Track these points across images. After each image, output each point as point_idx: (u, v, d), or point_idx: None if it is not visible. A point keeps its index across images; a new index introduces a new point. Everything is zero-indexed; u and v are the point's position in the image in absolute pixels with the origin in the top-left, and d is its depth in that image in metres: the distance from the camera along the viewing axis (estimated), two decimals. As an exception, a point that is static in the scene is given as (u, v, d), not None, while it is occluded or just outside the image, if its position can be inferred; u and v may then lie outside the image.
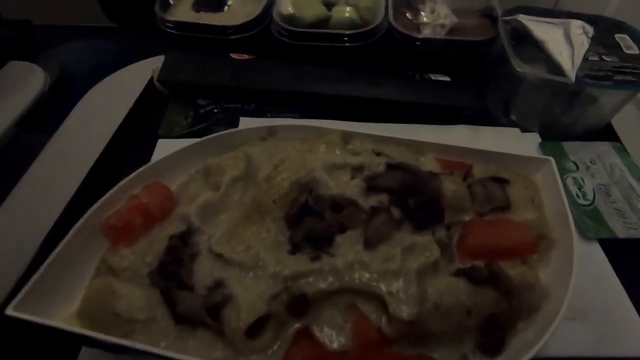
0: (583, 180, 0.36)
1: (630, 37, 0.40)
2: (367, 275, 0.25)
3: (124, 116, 0.43)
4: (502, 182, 0.32)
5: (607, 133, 0.42)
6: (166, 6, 0.49)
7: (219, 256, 0.25)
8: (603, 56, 0.37)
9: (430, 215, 0.28)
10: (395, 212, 0.28)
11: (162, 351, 0.21)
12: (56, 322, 0.22)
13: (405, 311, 0.23)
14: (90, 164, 0.38)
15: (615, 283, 0.30)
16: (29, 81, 0.55)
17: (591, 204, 0.34)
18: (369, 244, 0.26)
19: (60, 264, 0.26)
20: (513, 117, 0.42)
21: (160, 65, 0.46)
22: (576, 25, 0.37)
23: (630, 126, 0.42)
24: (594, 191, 0.35)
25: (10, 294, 0.28)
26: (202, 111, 0.44)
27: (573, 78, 0.34)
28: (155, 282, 0.25)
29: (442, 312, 0.23)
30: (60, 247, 0.26)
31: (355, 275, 0.25)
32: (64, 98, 0.55)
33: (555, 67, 0.36)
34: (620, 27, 0.41)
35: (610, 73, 0.36)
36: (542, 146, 0.39)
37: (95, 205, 0.28)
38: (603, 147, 0.39)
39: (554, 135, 0.40)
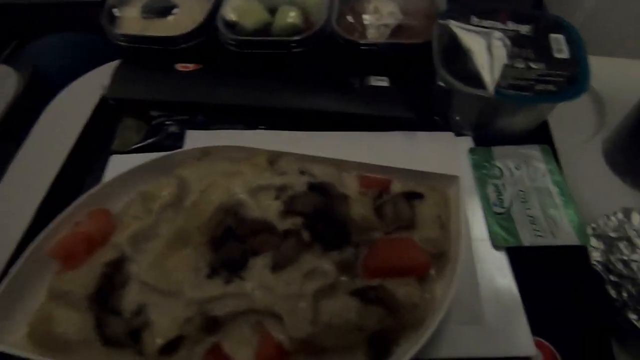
0: (504, 187, 0.38)
1: (566, 38, 0.40)
2: (270, 297, 0.28)
3: (79, 133, 0.46)
4: (415, 198, 0.34)
5: (543, 133, 0.43)
6: (112, 17, 0.49)
7: (145, 284, 0.29)
8: (530, 63, 0.37)
9: (337, 238, 0.31)
10: (306, 235, 0.31)
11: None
12: (7, 347, 0.27)
13: (299, 331, 0.27)
14: (47, 186, 0.42)
15: (513, 290, 0.33)
16: (3, 85, 0.57)
17: (506, 212, 0.36)
18: (276, 267, 0.29)
19: (12, 291, 0.30)
20: (450, 121, 0.43)
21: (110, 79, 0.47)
22: (496, 37, 0.37)
23: (563, 125, 0.43)
24: (511, 199, 0.37)
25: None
26: (154, 123, 0.46)
27: (492, 91, 0.35)
28: (90, 306, 0.29)
29: (333, 330, 0.27)
30: (9, 277, 0.30)
31: (261, 297, 0.28)
32: (38, 101, 0.57)
33: (479, 78, 0.37)
34: (559, 25, 0.41)
35: (533, 82, 0.36)
36: (472, 152, 0.41)
37: (42, 235, 0.32)
38: (531, 151, 0.40)
39: (488, 138, 0.42)
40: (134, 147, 0.44)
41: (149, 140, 0.45)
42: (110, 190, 0.36)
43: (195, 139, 0.43)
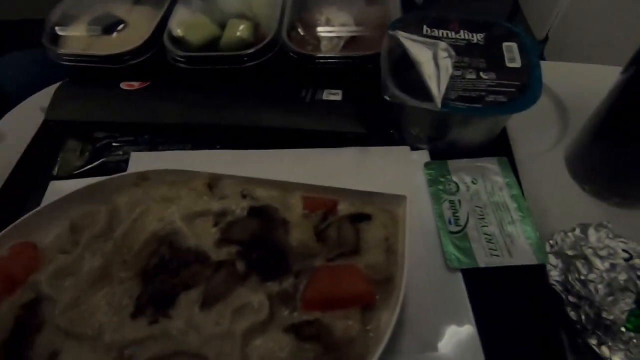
0: (460, 204, 0.36)
1: (519, 46, 0.38)
2: (197, 338, 0.26)
3: (18, 159, 0.43)
4: (362, 219, 0.32)
5: (502, 143, 0.42)
6: (55, 35, 0.47)
7: (60, 327, 0.26)
8: (481, 73, 0.36)
9: (274, 267, 0.29)
10: (240, 266, 0.29)
11: None
12: None
13: (224, 375, 0.24)
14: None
15: (468, 314, 0.31)
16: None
17: (461, 230, 0.34)
18: (205, 304, 0.27)
19: None
20: (406, 134, 0.41)
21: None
22: (442, 48, 0.35)
23: (524, 135, 0.42)
24: (467, 216, 0.35)
25: None
26: (98, 145, 0.44)
27: (439, 104, 0.33)
28: (0, 355, 0.26)
29: None
30: None
31: (187, 339, 0.26)
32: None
33: (428, 90, 0.35)
34: (512, 33, 0.39)
35: (484, 93, 0.35)
36: (427, 166, 0.39)
37: None
38: (488, 164, 0.39)
39: (444, 152, 0.40)
40: (75, 172, 0.42)
41: (92, 165, 0.42)
42: (37, 220, 0.33)
43: (139, 161, 0.41)
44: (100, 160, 0.43)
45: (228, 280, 0.28)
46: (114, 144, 0.44)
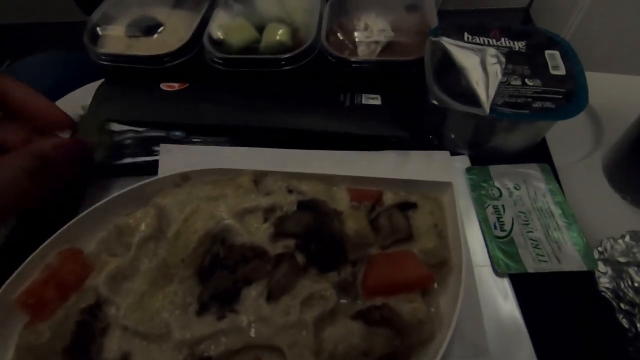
0: (504, 209, 0.36)
1: (561, 53, 0.39)
2: (268, 330, 0.26)
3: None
4: (409, 207, 0.32)
5: (541, 150, 0.42)
6: (96, 35, 0.48)
7: (127, 329, 0.26)
8: (526, 79, 0.36)
9: (333, 257, 0.29)
10: (300, 258, 0.29)
11: None
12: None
13: (303, 364, 0.24)
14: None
15: (518, 320, 0.31)
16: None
17: (507, 235, 0.34)
18: (271, 296, 0.27)
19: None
20: (445, 140, 0.41)
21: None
22: (491, 54, 0.36)
23: (559, 142, 0.42)
24: (512, 220, 0.35)
25: None
26: (117, 139, 0.43)
27: (487, 110, 0.34)
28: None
29: (339, 359, 0.25)
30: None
31: (257, 331, 0.26)
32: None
33: (474, 96, 0.35)
34: (553, 41, 0.40)
35: (530, 99, 0.35)
36: (469, 171, 0.39)
37: (8, 282, 0.29)
38: (530, 170, 0.39)
39: (484, 157, 0.40)
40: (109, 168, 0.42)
41: (119, 162, 0.42)
42: (81, 227, 0.32)
43: (170, 153, 0.40)
44: (124, 159, 0.42)
45: (290, 272, 0.28)
46: (132, 137, 0.44)
